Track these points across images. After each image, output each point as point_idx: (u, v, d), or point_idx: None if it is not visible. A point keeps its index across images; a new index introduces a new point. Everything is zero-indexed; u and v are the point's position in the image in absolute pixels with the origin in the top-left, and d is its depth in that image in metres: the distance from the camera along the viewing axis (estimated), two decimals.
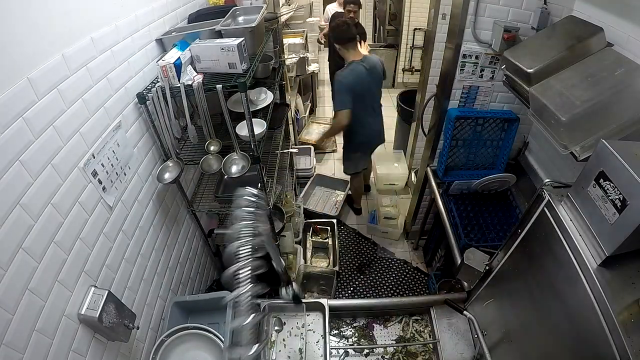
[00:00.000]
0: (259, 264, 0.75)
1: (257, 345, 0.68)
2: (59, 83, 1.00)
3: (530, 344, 1.05)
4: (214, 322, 1.52)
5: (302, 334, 1.46)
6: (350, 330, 1.66)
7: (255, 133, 1.52)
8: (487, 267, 1.46)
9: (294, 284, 1.25)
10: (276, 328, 1.45)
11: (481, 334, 1.41)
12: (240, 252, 0.73)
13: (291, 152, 2.94)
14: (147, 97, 1.38)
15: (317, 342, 1.48)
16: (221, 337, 1.38)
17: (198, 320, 1.54)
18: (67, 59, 1.03)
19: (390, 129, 4.33)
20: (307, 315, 1.54)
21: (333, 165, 3.98)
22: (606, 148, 0.89)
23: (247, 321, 0.67)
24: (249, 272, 0.72)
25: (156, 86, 1.38)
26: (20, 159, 0.88)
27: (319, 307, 1.55)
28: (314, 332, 1.51)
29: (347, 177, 3.34)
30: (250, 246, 0.74)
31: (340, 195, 3.42)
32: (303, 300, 1.52)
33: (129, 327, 1.20)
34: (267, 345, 1.42)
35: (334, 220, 3.04)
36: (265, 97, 1.82)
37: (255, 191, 0.88)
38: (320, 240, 2.97)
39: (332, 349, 1.53)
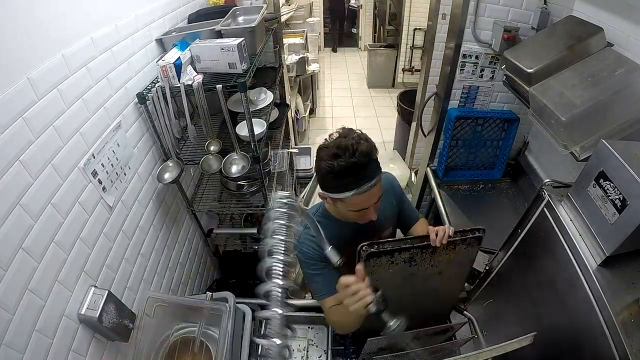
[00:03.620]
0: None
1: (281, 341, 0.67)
2: (59, 83, 1.00)
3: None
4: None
5: (302, 356, 1.43)
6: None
7: (255, 133, 1.52)
8: (487, 267, 1.46)
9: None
10: None
11: (481, 334, 1.41)
12: (274, 269, 0.72)
13: (291, 152, 2.94)
14: (147, 97, 1.38)
15: (319, 357, 1.45)
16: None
17: None
18: (67, 59, 1.03)
19: (390, 129, 4.35)
20: (311, 328, 1.51)
21: None
22: (606, 148, 0.89)
23: (280, 312, 0.66)
24: (282, 268, 0.70)
25: (156, 86, 1.38)
26: (20, 159, 0.88)
27: (323, 322, 1.51)
28: (316, 346, 1.47)
29: None
30: (282, 263, 0.72)
31: None
32: (307, 314, 1.49)
33: (129, 327, 1.20)
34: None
35: None
36: (265, 97, 1.82)
37: (286, 194, 0.77)
38: None
39: (333, 348, 1.52)
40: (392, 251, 1.06)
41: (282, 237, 0.74)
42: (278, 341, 0.67)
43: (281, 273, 0.71)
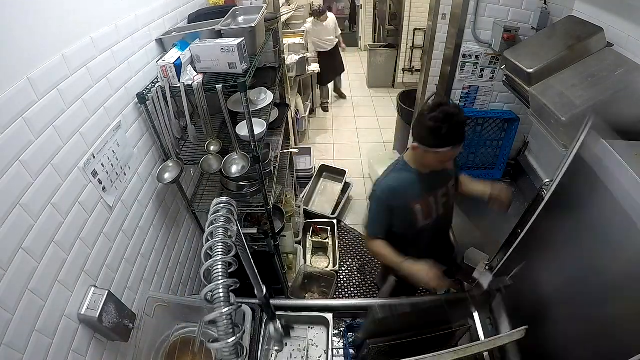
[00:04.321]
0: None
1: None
2: (59, 83, 1.00)
3: (570, 318, 0.98)
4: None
5: (302, 356, 1.43)
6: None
7: (255, 133, 1.52)
8: (487, 267, 1.46)
9: (278, 321, 1.25)
10: (276, 348, 1.43)
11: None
12: (215, 269, 0.73)
13: (291, 152, 2.94)
14: (147, 97, 1.38)
15: (319, 357, 1.43)
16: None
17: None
18: (67, 59, 1.03)
19: (390, 129, 4.35)
20: (311, 328, 1.51)
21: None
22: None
23: (230, 340, 0.67)
24: (225, 290, 0.71)
25: (156, 86, 1.38)
26: (20, 159, 0.88)
27: (324, 322, 1.51)
28: (317, 346, 1.46)
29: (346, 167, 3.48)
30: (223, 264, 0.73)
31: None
32: (307, 314, 1.50)
33: (129, 327, 1.20)
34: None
35: (334, 221, 3.04)
36: (265, 97, 1.82)
37: (224, 199, 0.86)
38: (320, 240, 2.97)
39: (334, 349, 1.51)
40: None
41: (220, 239, 0.76)
42: (230, 339, 0.67)
43: (221, 273, 0.71)
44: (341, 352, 1.55)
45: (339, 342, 1.60)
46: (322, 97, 5.13)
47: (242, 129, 1.66)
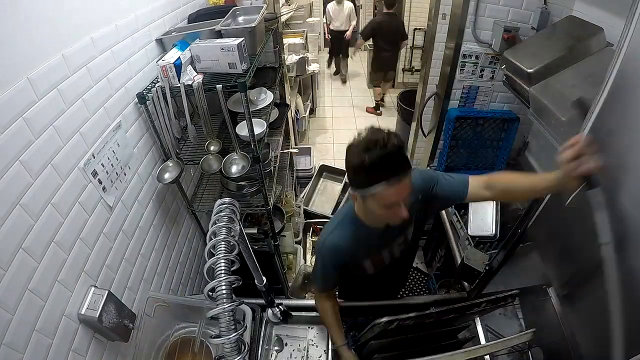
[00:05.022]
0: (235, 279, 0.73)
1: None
2: (59, 83, 1.00)
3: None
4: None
5: (302, 356, 1.43)
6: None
7: (255, 133, 1.52)
8: (487, 267, 1.46)
9: (280, 305, 1.26)
10: (276, 348, 1.43)
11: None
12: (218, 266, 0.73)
13: (291, 152, 2.94)
14: (147, 97, 1.38)
15: (319, 357, 1.44)
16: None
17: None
18: (67, 59, 1.03)
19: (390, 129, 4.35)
20: (311, 328, 1.51)
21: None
22: None
23: (231, 336, 0.67)
24: (227, 287, 0.71)
25: (156, 86, 1.38)
26: (20, 159, 0.88)
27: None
28: (316, 346, 1.46)
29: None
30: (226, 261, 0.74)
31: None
32: (307, 314, 1.50)
33: (129, 327, 1.20)
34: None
35: None
36: (265, 97, 1.82)
37: (227, 200, 0.86)
38: None
39: (333, 348, 1.51)
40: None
41: (223, 237, 0.78)
42: (232, 335, 0.68)
43: (224, 270, 0.72)
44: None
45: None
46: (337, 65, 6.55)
47: (242, 129, 1.66)
